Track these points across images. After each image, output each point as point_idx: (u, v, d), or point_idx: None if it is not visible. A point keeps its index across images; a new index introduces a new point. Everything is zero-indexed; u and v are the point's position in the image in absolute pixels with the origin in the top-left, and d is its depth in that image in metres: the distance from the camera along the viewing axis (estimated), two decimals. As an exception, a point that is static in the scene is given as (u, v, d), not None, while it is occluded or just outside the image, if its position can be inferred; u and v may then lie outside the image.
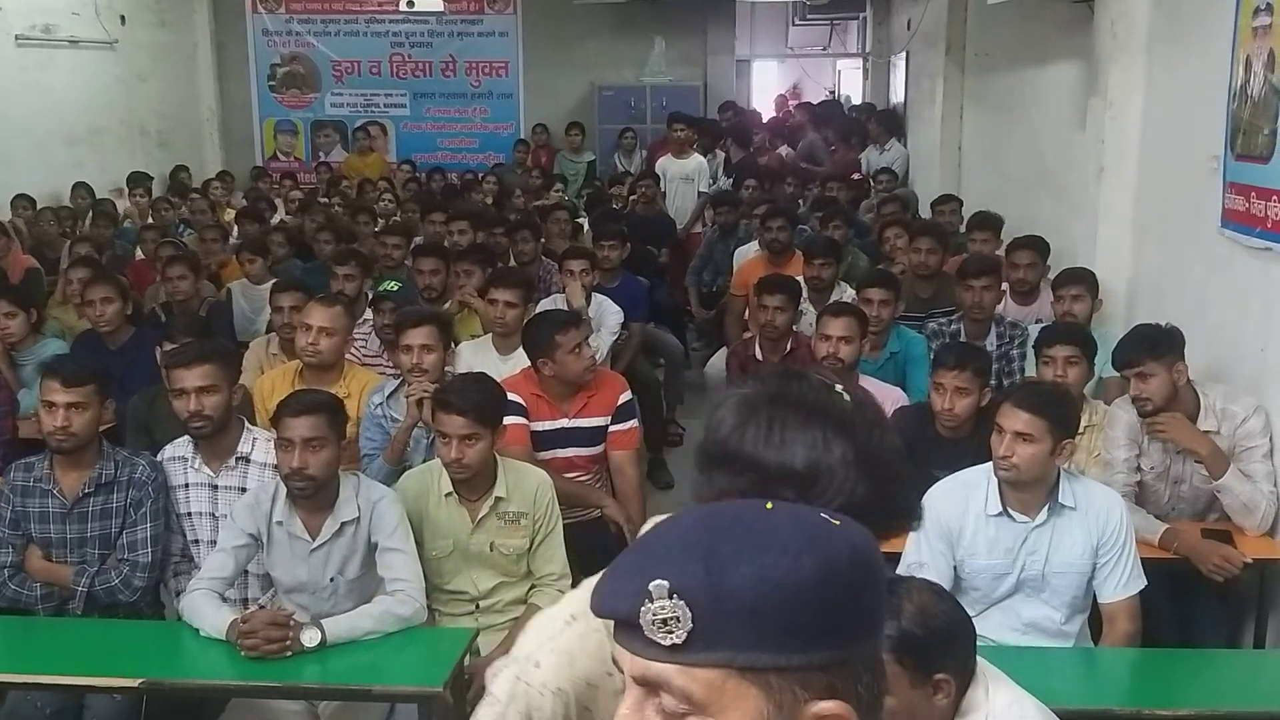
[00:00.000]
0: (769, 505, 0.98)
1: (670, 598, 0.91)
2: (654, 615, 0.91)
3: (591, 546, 3.72)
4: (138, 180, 10.16)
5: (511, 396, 3.69)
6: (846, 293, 5.47)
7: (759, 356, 4.91)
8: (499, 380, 3.67)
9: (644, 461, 4.79)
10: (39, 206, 9.05)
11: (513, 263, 6.50)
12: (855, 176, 9.53)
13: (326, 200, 9.45)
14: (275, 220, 8.88)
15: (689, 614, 0.91)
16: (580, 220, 8.35)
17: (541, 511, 3.33)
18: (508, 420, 3.50)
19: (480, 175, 10.94)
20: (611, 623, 0.98)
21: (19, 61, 9.74)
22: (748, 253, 7.08)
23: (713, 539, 0.94)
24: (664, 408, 6.58)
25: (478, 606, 3.33)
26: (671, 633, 0.91)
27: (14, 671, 2.93)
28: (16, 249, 7.90)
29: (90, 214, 9.05)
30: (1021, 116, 6.98)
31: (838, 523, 0.98)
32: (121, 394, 4.20)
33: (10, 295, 5.35)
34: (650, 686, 0.95)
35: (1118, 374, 4.25)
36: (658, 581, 0.92)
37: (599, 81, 12.38)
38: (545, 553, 3.35)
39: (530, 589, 3.37)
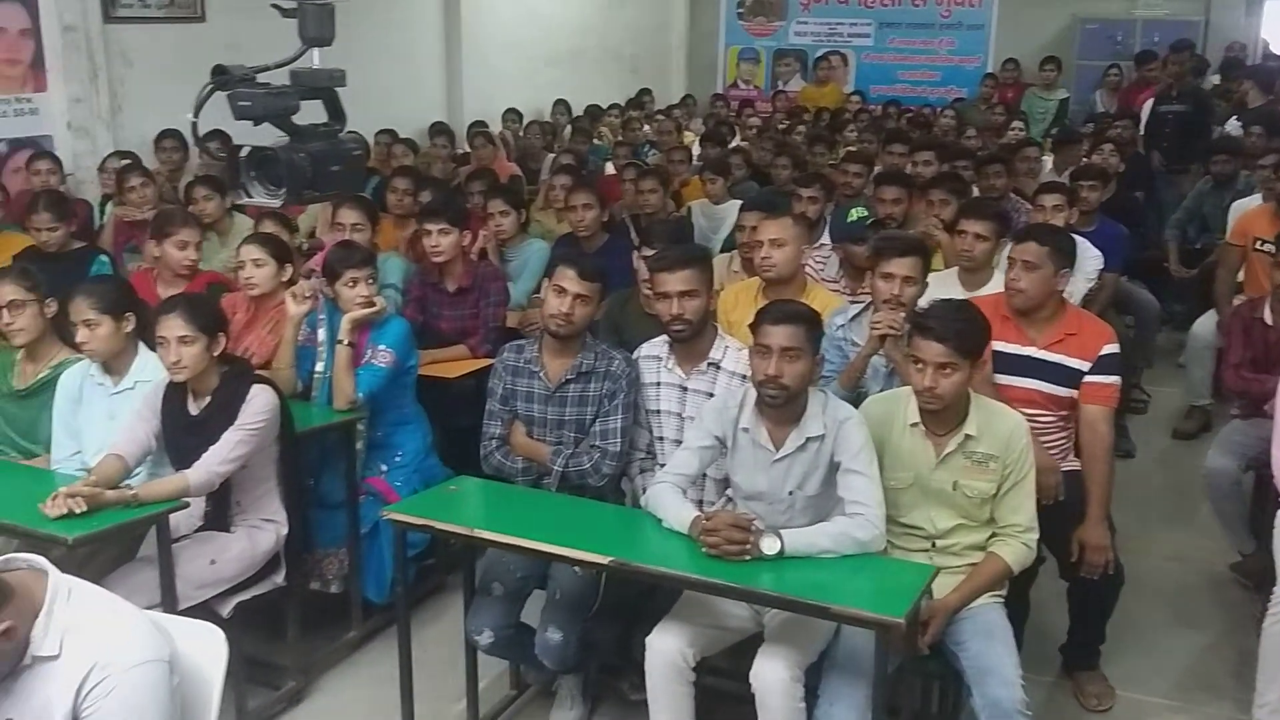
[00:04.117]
0: None
1: None
2: None
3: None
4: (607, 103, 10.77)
5: None
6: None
7: (1268, 320, 4.32)
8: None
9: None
10: (525, 120, 9.82)
11: (977, 198, 6.20)
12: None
13: (785, 130, 9.52)
14: (732, 146, 9.09)
15: None
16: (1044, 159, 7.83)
17: (1014, 457, 3.11)
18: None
19: (938, 110, 10.56)
20: None
21: (513, -14, 10.54)
22: (1246, 207, 6.28)
23: None
24: (1130, 370, 6.04)
25: (933, 545, 3.18)
26: None
27: (495, 531, 3.16)
28: (502, 156, 8.63)
29: (569, 129, 9.68)
30: None
31: None
32: (596, 294, 4.45)
33: (505, 195, 5.81)
34: None
35: None
36: None
37: (1081, 14, 11.46)
38: (1012, 501, 3.13)
39: (991, 536, 3.18)
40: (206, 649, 2.40)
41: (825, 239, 5.18)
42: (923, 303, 3.98)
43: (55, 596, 2.14)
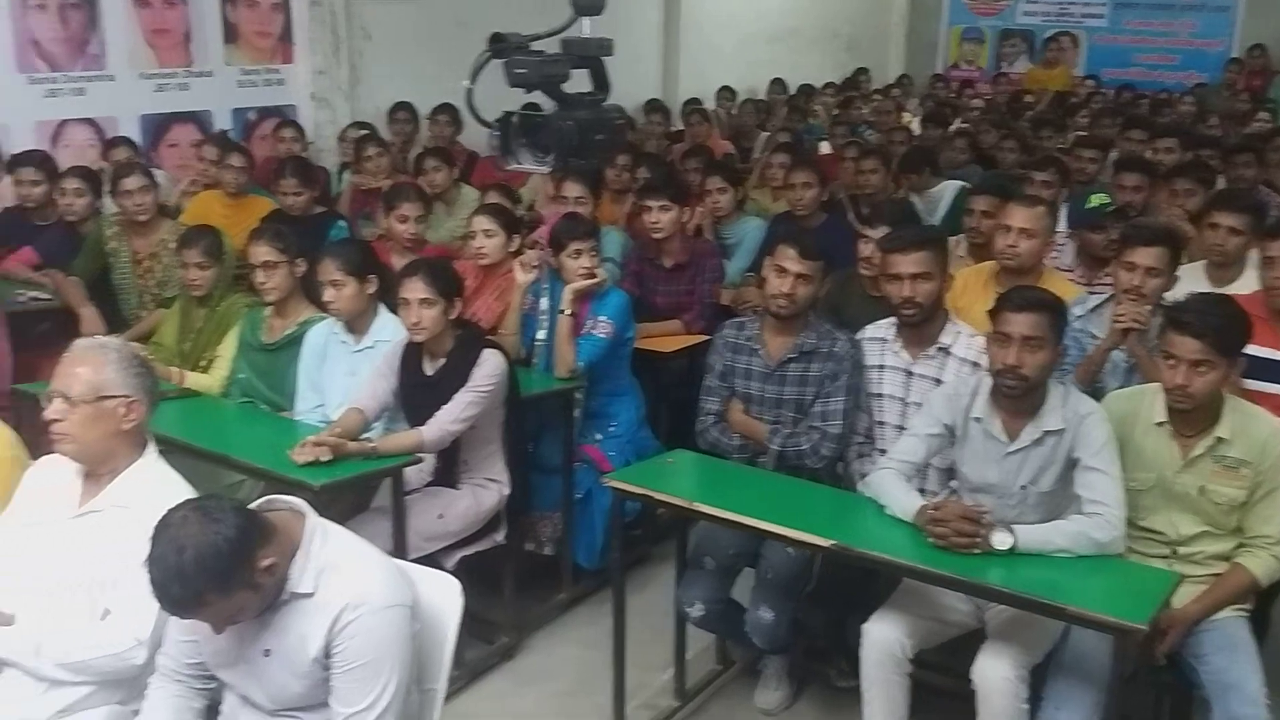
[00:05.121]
0: None
1: None
2: None
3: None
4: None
5: None
6: None
7: None
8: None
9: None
10: (739, 98, 9.79)
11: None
12: None
13: (1011, 113, 9.18)
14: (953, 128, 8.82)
15: None
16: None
17: (1270, 464, 2.90)
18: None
19: (1176, 95, 9.97)
20: None
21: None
22: None
23: None
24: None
25: (1174, 552, 3.01)
26: None
27: (713, 505, 3.16)
28: (716, 134, 8.64)
29: (786, 108, 9.60)
30: None
31: None
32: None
33: (722, 172, 5.80)
34: None
35: None
36: None
37: (1347, -6, 10.60)
38: (1264, 511, 2.93)
39: (1237, 546, 2.98)
40: (443, 599, 2.49)
41: (1060, 225, 4.96)
42: (1173, 296, 3.77)
43: (312, 537, 2.27)
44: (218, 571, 2.07)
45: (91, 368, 2.52)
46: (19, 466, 2.81)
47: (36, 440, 2.98)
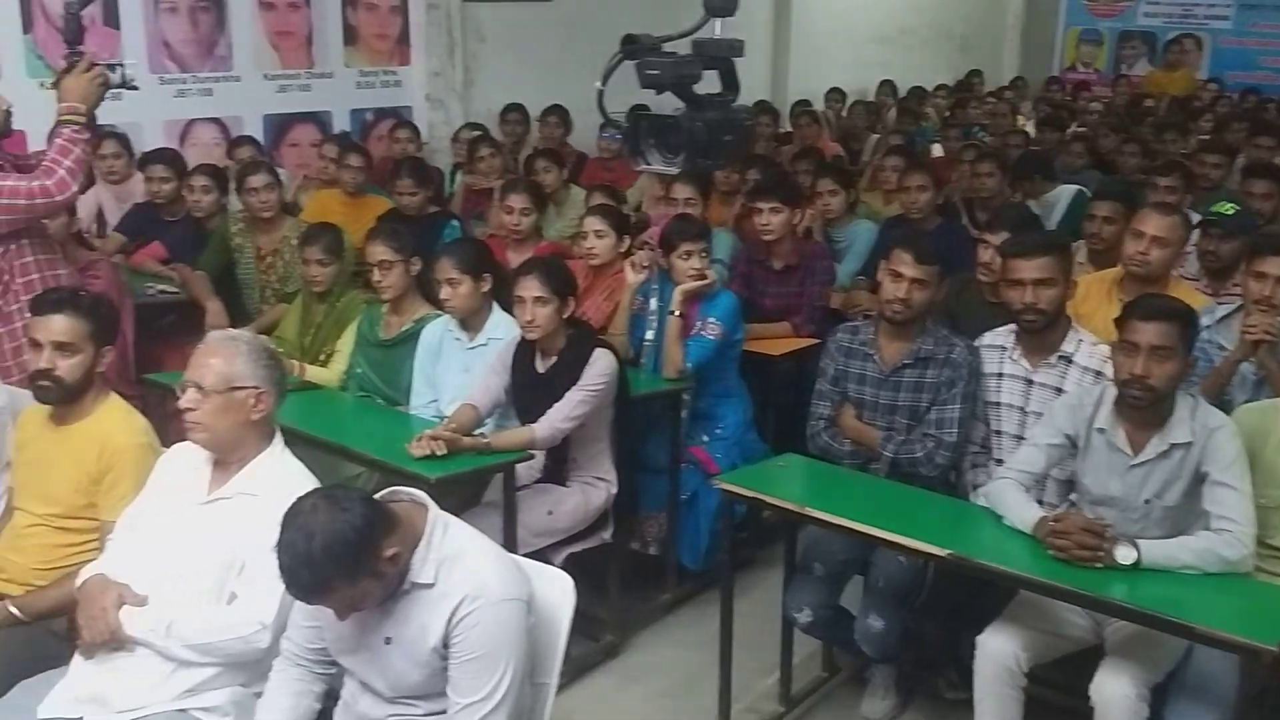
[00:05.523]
0: None
1: None
2: None
3: None
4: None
5: None
6: None
7: None
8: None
9: None
10: (849, 100, 9.70)
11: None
12: None
13: (1132, 117, 8.93)
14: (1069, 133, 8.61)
15: None
16: None
17: None
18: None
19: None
20: None
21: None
22: None
23: None
24: None
25: (1305, 572, 2.91)
26: None
27: (824, 511, 3.13)
28: (825, 136, 8.57)
29: (894, 110, 9.48)
30: None
31: None
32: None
33: (834, 174, 5.77)
34: None
35: None
36: None
37: None
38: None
39: (1374, 568, 2.86)
40: (556, 594, 2.52)
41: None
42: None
43: (434, 529, 2.31)
44: (345, 559, 2.12)
45: (223, 359, 2.61)
46: (152, 453, 2.92)
47: (164, 428, 3.11)
